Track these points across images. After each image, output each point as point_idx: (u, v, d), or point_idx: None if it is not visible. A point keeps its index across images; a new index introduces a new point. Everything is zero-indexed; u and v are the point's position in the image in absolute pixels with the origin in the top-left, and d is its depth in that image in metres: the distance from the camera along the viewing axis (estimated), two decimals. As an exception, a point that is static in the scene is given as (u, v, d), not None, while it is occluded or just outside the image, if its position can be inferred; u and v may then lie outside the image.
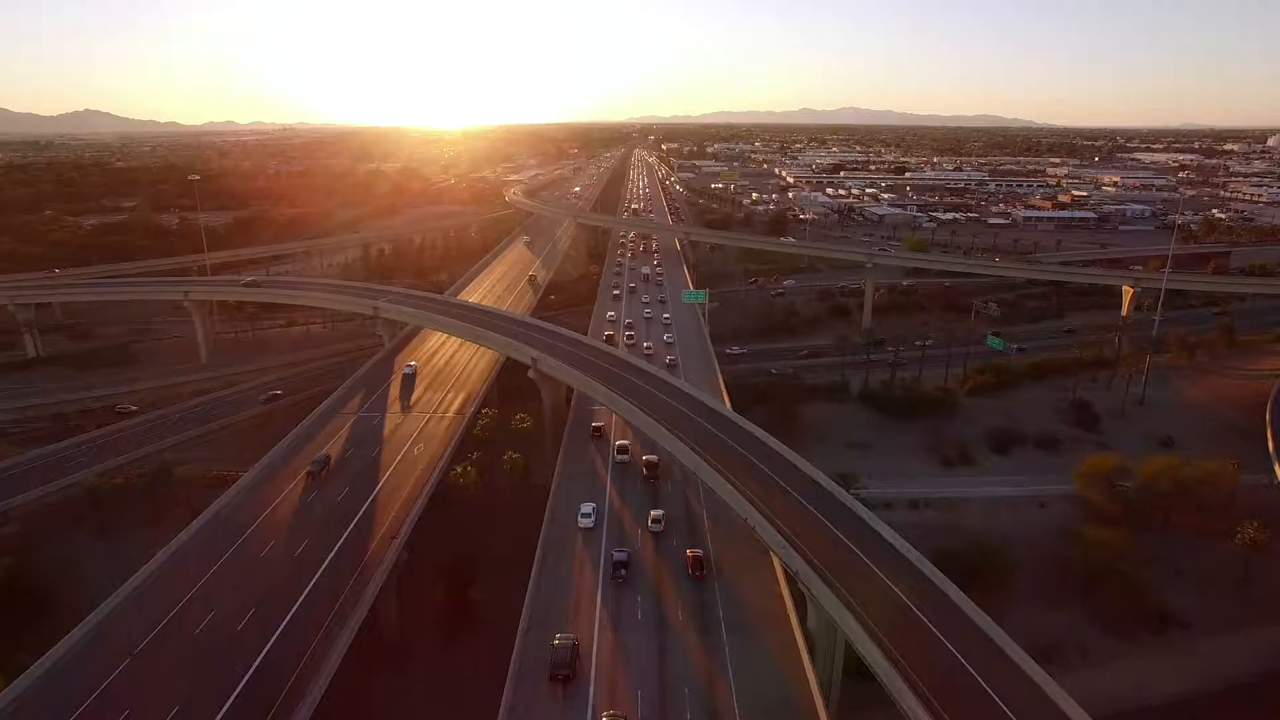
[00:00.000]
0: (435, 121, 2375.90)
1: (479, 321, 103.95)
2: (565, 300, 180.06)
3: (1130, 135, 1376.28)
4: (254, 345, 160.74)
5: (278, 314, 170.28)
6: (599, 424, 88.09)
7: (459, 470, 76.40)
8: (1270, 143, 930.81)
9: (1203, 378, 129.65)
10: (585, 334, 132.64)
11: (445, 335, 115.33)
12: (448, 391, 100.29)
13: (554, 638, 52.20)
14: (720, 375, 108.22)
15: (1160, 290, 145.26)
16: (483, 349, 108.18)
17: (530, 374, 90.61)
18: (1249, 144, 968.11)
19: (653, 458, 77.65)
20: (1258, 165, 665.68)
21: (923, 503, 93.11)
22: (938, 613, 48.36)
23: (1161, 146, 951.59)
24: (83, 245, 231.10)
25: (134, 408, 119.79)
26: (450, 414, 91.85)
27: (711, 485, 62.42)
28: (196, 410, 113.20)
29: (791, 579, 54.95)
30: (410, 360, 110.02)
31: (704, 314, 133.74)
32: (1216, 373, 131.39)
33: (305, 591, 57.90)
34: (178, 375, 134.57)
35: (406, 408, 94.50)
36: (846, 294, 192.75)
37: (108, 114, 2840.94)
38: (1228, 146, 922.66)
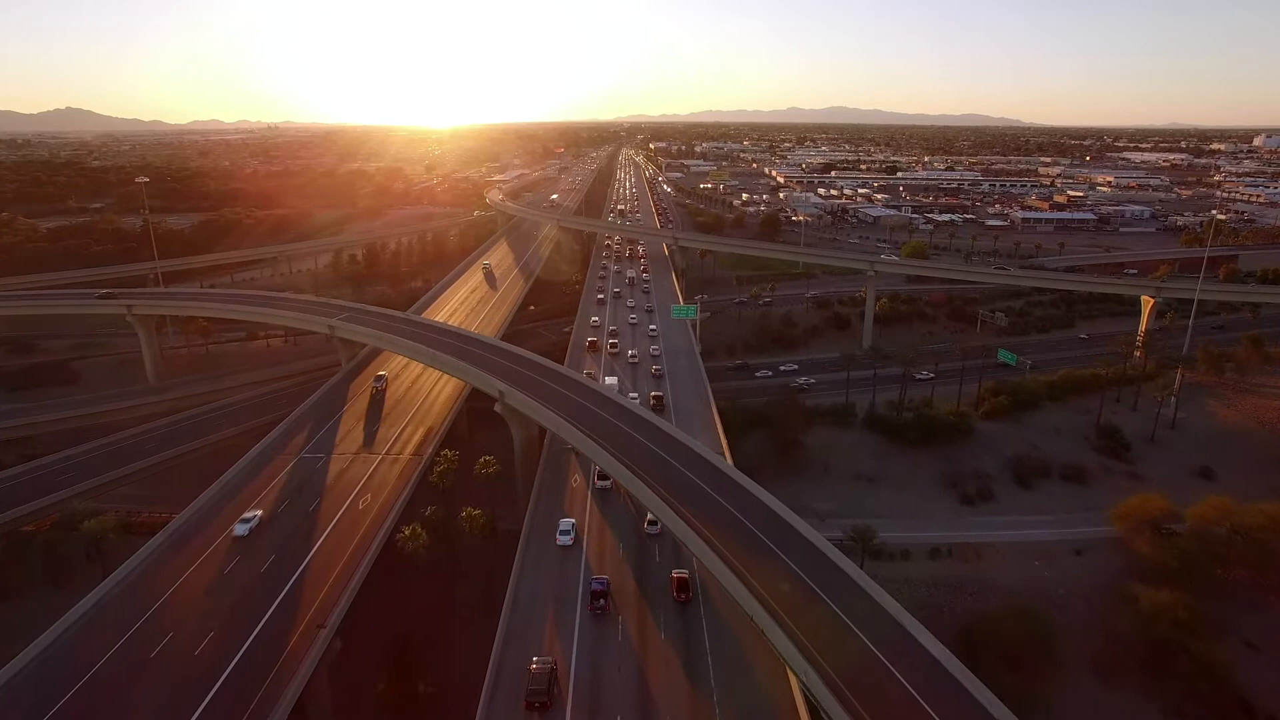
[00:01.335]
0: (423, 120, 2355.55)
1: (442, 345, 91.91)
2: (546, 311, 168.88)
3: (1117, 135, 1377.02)
4: (208, 362, 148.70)
5: (236, 327, 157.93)
6: None
7: (406, 533, 64.63)
8: (1256, 142, 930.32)
9: (1235, 397, 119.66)
10: (569, 341, 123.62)
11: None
12: (406, 424, 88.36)
13: (531, 662, 49.64)
14: (713, 400, 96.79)
15: (1193, 300, 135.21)
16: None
17: (497, 408, 79.04)
18: (1235, 144, 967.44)
19: None
20: (1247, 165, 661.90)
21: (944, 550, 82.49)
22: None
23: (1149, 146, 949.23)
24: (34, 251, 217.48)
25: None
26: (406, 454, 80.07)
27: (710, 568, 51.13)
28: (128, 443, 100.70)
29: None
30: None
31: (695, 331, 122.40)
32: (1250, 391, 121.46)
33: (204, 703, 46.40)
34: (120, 399, 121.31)
35: (357, 447, 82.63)
36: (845, 303, 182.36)
37: (90, 112, 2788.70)
38: (1214, 146, 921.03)
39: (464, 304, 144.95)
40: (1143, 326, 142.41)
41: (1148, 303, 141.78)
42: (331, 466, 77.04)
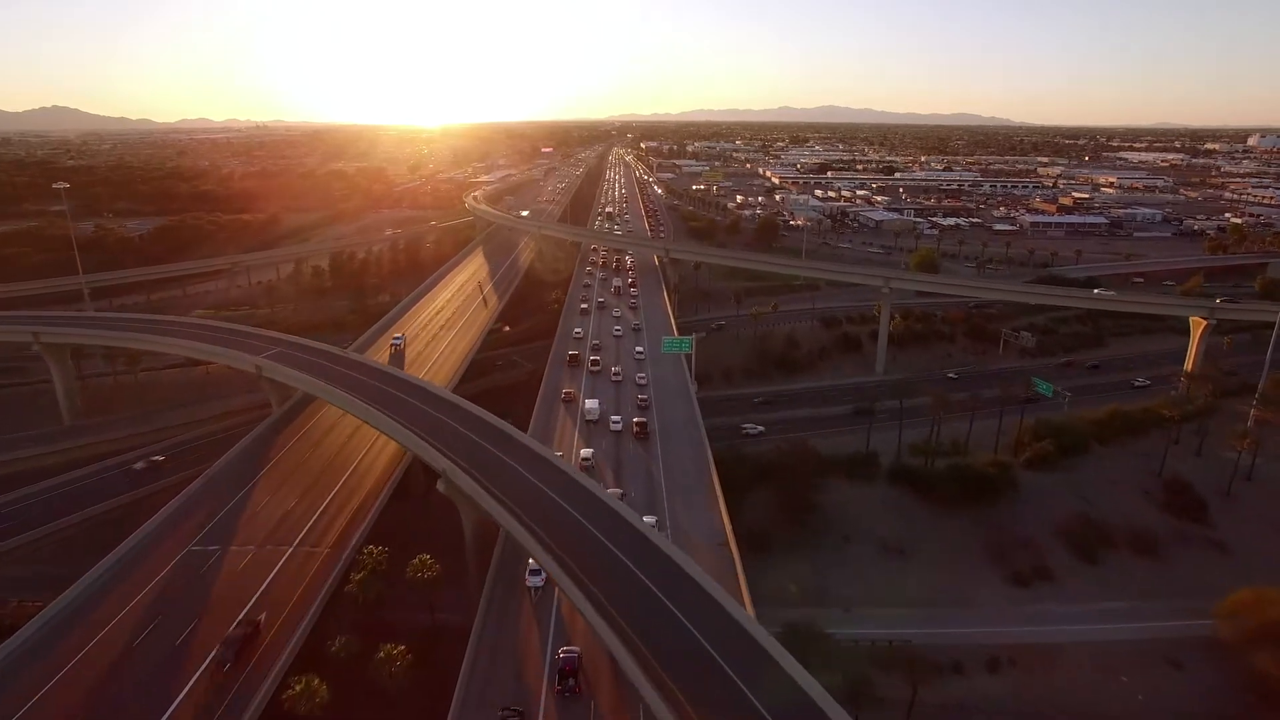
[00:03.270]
0: (414, 119, 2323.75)
1: (380, 399, 74.34)
2: (523, 333, 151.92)
3: (1109, 134, 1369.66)
4: (138, 393, 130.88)
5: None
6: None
7: (296, 689, 47.33)
8: (1251, 141, 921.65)
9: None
10: (546, 365, 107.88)
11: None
12: (335, 495, 70.93)
13: (498, 713, 44.98)
14: (710, 454, 79.66)
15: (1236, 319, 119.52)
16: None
17: (440, 487, 61.86)
18: (1229, 143, 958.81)
19: None
20: (1246, 165, 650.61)
21: (1005, 657, 65.99)
22: None
23: (1144, 146, 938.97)
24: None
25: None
26: (326, 544, 62.78)
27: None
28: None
29: None
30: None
31: (690, 366, 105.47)
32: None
33: None
34: (21, 445, 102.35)
35: (266, 532, 65.16)
36: (854, 320, 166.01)
37: (78, 110, 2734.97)
38: (1209, 146, 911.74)
39: (427, 326, 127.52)
40: (1192, 353, 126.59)
41: (1198, 325, 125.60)
42: (225, 564, 59.68)
